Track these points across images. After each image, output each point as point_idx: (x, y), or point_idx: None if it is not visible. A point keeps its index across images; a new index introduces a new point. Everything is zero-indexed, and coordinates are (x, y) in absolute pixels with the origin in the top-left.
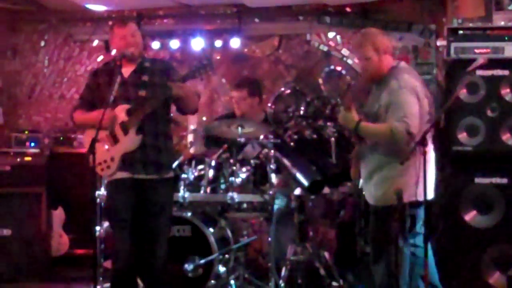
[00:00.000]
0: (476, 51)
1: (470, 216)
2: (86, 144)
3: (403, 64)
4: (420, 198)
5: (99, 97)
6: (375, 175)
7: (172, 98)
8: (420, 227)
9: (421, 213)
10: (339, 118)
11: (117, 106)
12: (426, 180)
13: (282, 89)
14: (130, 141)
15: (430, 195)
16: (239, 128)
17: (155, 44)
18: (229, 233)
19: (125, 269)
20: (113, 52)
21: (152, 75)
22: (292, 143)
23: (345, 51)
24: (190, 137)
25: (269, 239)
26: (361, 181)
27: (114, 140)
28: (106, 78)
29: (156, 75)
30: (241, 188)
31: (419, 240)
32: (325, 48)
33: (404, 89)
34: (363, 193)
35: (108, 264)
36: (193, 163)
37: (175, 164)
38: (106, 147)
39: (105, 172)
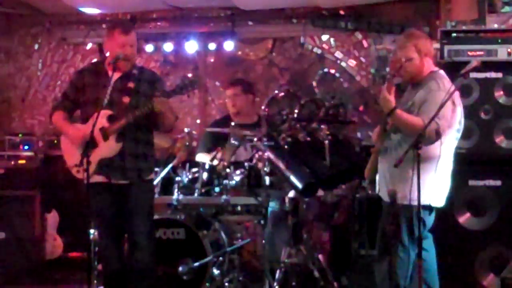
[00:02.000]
0: (470, 53)
1: (464, 218)
2: (64, 147)
3: (443, 71)
4: (433, 203)
5: (83, 97)
6: (396, 172)
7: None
8: (427, 231)
9: (430, 217)
10: (380, 98)
11: (98, 108)
12: (419, 183)
13: (276, 92)
14: (109, 148)
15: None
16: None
17: (149, 47)
18: (223, 235)
19: (114, 273)
20: (107, 55)
21: (138, 83)
22: (286, 146)
23: (338, 54)
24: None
25: (263, 241)
26: (377, 177)
27: (93, 144)
28: (92, 78)
29: (142, 84)
30: (235, 190)
31: (427, 244)
32: (319, 51)
33: (443, 92)
34: (377, 191)
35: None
36: (187, 165)
37: (168, 167)
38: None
39: (80, 175)
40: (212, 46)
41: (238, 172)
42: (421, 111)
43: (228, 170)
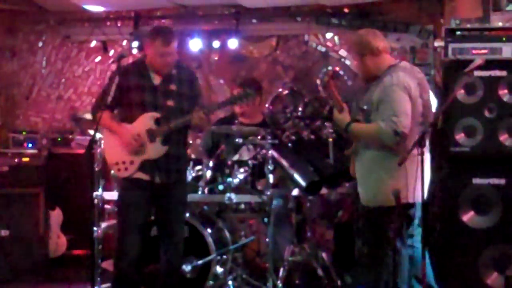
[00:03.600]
0: (474, 52)
1: (467, 217)
2: (106, 144)
3: (403, 63)
4: (414, 199)
5: (127, 98)
6: (368, 175)
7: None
8: (415, 228)
9: (417, 214)
10: (333, 119)
11: (144, 110)
12: (423, 181)
13: (280, 90)
14: (154, 150)
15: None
16: None
17: None
18: (227, 233)
19: (128, 270)
20: (111, 52)
21: (179, 85)
22: (289, 144)
23: (343, 52)
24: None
25: (267, 239)
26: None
27: (139, 144)
28: (135, 79)
29: (183, 85)
30: (239, 188)
31: (415, 241)
32: (323, 49)
33: (395, 86)
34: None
35: (106, 265)
36: (191, 163)
37: None
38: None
39: (121, 173)
40: (216, 44)
41: (241, 170)
42: (378, 113)
43: (232, 168)
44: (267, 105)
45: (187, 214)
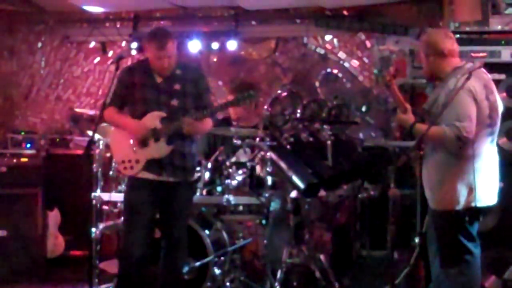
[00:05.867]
0: (473, 55)
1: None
2: (113, 142)
3: (469, 65)
4: (483, 203)
5: (132, 95)
6: (434, 177)
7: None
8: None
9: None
10: (396, 119)
11: (147, 108)
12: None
13: (279, 92)
14: (159, 149)
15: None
16: None
17: None
18: (225, 235)
19: (132, 270)
20: (110, 53)
21: (184, 85)
22: (288, 146)
23: (342, 54)
24: None
25: (265, 241)
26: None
27: (143, 143)
28: (140, 77)
29: (187, 84)
30: (237, 190)
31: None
32: (322, 51)
33: (460, 89)
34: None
35: (103, 265)
36: None
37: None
38: (134, 148)
39: (127, 172)
40: (215, 45)
41: (240, 172)
42: (442, 117)
43: (230, 170)
44: (266, 107)
45: None
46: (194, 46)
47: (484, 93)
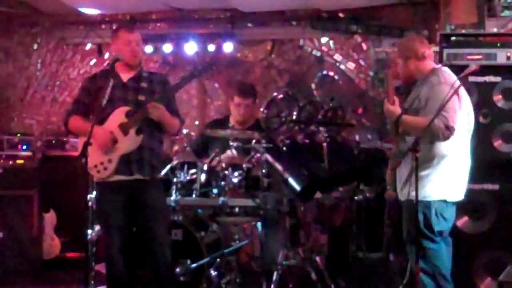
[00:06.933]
0: (469, 57)
1: (462, 222)
2: (80, 148)
3: (446, 68)
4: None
5: (96, 101)
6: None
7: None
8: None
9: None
10: (384, 110)
11: (114, 107)
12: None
13: (275, 94)
14: (130, 142)
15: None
16: None
17: (148, 48)
18: (220, 237)
19: (118, 274)
20: (106, 55)
21: (151, 84)
22: (284, 148)
23: (338, 56)
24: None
25: (261, 243)
26: (397, 180)
27: (113, 141)
28: (104, 82)
29: (155, 85)
30: (233, 192)
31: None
32: (318, 53)
33: (444, 84)
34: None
35: (99, 267)
36: (185, 167)
37: (167, 168)
38: (104, 150)
39: (101, 174)
40: (211, 47)
41: (236, 173)
42: (427, 109)
43: (226, 171)
44: (262, 109)
45: (181, 217)
46: (190, 48)
47: (464, 92)
